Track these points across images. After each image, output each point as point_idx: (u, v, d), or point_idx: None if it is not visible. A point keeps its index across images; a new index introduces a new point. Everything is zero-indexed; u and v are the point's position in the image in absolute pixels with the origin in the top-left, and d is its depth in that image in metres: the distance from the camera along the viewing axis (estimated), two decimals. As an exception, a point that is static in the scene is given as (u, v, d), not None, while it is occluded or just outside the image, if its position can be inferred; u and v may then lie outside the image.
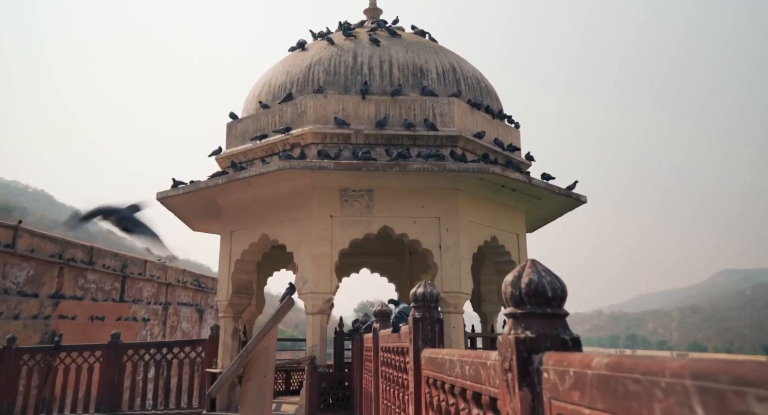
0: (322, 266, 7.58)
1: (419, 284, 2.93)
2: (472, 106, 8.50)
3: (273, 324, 4.65)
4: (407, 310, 3.83)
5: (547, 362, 1.23)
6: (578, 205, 9.21)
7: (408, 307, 3.86)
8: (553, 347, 1.30)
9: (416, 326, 2.84)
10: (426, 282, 2.93)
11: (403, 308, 3.86)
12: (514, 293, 1.38)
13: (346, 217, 7.77)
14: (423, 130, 8.05)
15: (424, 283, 2.92)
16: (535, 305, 1.35)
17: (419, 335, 2.82)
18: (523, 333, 1.33)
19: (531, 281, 1.35)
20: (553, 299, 1.34)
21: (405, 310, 3.83)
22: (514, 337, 1.34)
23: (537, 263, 1.40)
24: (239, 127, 9.16)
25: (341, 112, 8.16)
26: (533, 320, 1.34)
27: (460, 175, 7.55)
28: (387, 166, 7.22)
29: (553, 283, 1.35)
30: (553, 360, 1.21)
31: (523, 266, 1.41)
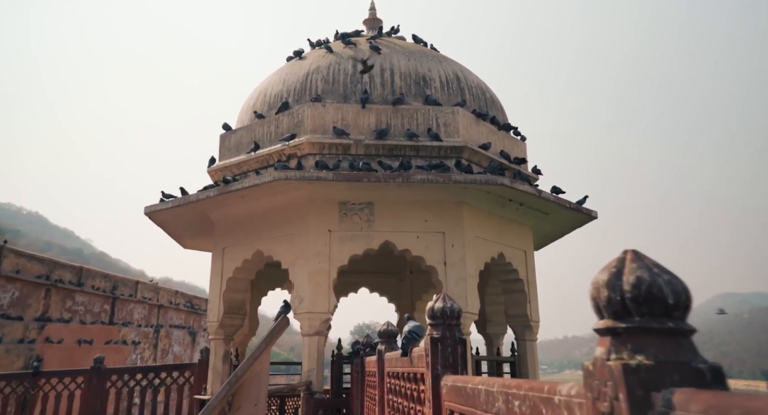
0: (320, 284, 7.09)
1: (437, 298, 2.48)
2: (477, 116, 8.14)
3: (266, 346, 4.17)
4: (419, 329, 3.36)
5: (685, 406, 0.78)
6: (587, 222, 8.79)
7: (420, 326, 3.39)
8: (682, 380, 0.84)
9: (434, 347, 2.37)
10: (445, 295, 2.48)
11: (414, 327, 3.40)
12: (613, 298, 0.93)
13: (346, 231, 7.32)
14: (426, 141, 7.66)
15: (444, 296, 2.47)
16: (649, 315, 0.90)
17: (438, 358, 2.36)
18: (632, 358, 0.88)
19: (640, 280, 0.90)
20: (675, 308, 0.90)
21: (417, 329, 3.36)
22: (620, 364, 0.88)
23: (642, 256, 0.96)
24: (233, 138, 8.75)
25: (340, 121, 7.78)
26: (648, 340, 0.88)
27: (465, 187, 7.14)
28: (389, 177, 6.80)
29: (674, 283, 0.90)
30: (698, 405, 0.75)
31: (621, 259, 0.96)
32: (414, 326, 3.40)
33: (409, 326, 4.85)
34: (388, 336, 4.09)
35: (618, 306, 0.92)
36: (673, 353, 0.86)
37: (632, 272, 0.92)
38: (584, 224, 8.89)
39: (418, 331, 3.37)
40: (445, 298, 2.45)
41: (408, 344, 3.44)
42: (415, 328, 3.41)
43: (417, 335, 3.39)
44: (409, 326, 4.90)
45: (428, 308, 2.46)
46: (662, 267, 0.93)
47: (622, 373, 0.86)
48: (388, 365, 3.84)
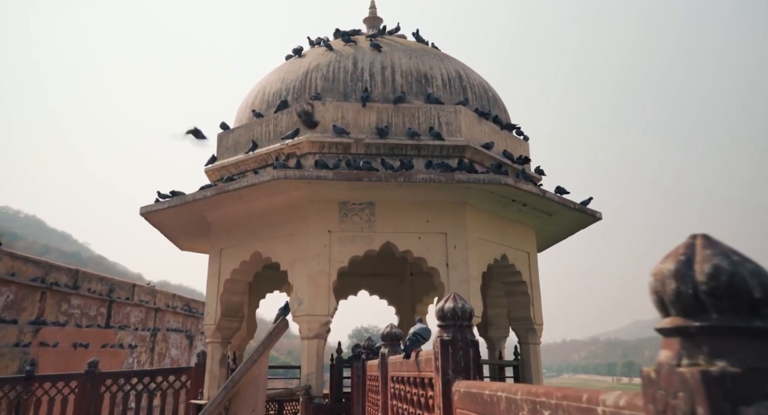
0: (319, 286, 6.93)
1: (447, 297, 2.32)
2: (480, 115, 8.00)
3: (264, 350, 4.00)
4: (425, 332, 3.21)
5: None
6: (591, 223, 8.64)
7: (425, 328, 3.23)
8: (777, 390, 0.69)
9: (445, 350, 2.21)
10: (455, 295, 2.32)
11: (419, 329, 3.24)
12: (683, 291, 0.77)
13: (346, 232, 7.16)
14: (428, 140, 7.51)
15: (454, 296, 2.31)
16: (731, 313, 0.74)
17: (449, 362, 2.19)
18: (711, 364, 0.73)
19: (718, 269, 0.74)
20: (763, 303, 0.74)
21: (422, 331, 3.20)
22: (698, 371, 0.72)
23: (716, 241, 0.80)
24: (231, 137, 8.60)
25: (340, 120, 7.63)
26: (731, 342, 0.73)
27: (468, 187, 6.99)
28: (391, 176, 6.65)
29: (760, 274, 0.74)
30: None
31: (689, 244, 0.81)
32: (419, 328, 3.24)
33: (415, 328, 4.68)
34: (391, 339, 3.92)
35: (689, 300, 0.77)
36: (765, 358, 0.70)
37: (707, 259, 0.76)
38: (588, 226, 8.74)
39: (423, 333, 3.22)
40: (455, 297, 2.29)
41: (411, 347, 3.28)
42: (420, 330, 3.25)
43: (421, 337, 3.23)
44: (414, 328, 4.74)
45: (437, 309, 2.30)
46: (743, 255, 0.77)
47: (701, 382, 0.71)
48: (392, 369, 3.68)
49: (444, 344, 2.21)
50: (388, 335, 3.95)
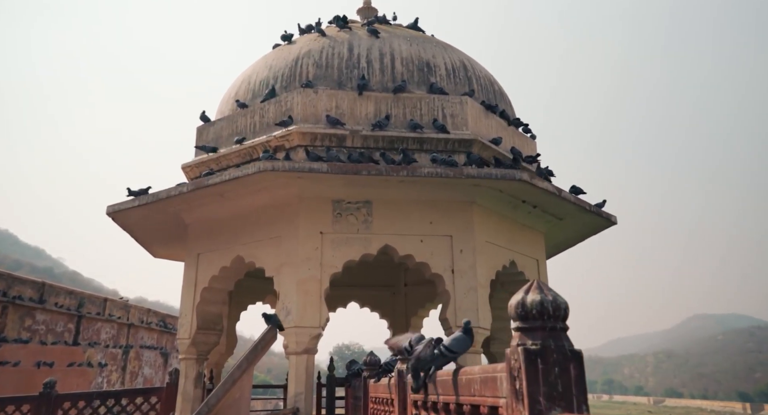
0: (310, 294, 6.11)
1: (529, 287, 1.57)
2: (487, 108, 7.34)
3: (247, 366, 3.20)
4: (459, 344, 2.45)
5: None
6: (603, 229, 8.00)
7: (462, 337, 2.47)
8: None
9: (532, 366, 1.45)
10: (539, 284, 1.57)
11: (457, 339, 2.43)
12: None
13: (340, 234, 6.38)
14: (431, 133, 6.82)
15: (538, 285, 1.56)
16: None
17: (539, 383, 1.43)
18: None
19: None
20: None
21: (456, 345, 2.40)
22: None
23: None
24: (212, 130, 7.80)
25: (334, 109, 6.90)
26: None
27: (477, 185, 6.30)
28: (392, 169, 5.92)
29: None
30: None
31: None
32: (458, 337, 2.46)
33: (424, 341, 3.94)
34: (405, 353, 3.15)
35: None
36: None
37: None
38: (599, 232, 8.09)
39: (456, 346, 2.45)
40: (540, 287, 1.54)
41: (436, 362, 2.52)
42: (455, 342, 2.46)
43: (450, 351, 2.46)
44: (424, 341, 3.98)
45: (516, 302, 1.54)
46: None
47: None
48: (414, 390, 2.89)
49: (530, 357, 1.45)
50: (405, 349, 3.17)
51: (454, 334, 2.55)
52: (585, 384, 1.44)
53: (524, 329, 1.51)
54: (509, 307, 1.57)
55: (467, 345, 2.46)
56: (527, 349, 1.46)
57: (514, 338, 1.55)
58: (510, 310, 1.56)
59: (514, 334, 1.55)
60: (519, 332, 1.53)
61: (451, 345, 2.44)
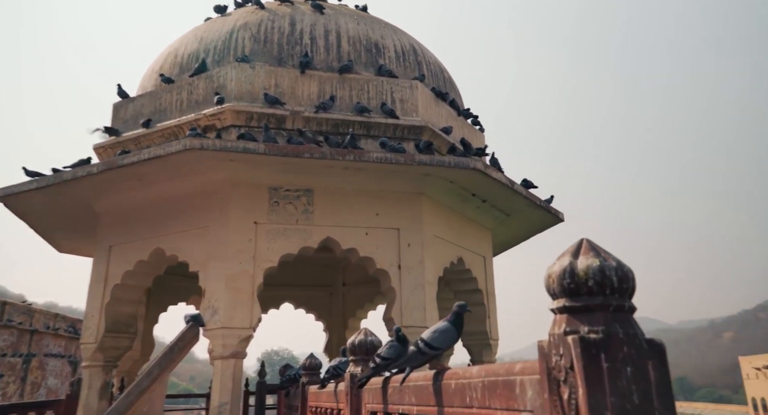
0: (241, 291, 5.42)
1: (574, 247, 1.08)
2: (437, 95, 6.95)
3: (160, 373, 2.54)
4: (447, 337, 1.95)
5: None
6: (550, 226, 7.82)
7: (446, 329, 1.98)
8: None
9: (592, 364, 0.95)
10: (590, 243, 1.08)
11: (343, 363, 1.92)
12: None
13: (277, 224, 5.74)
14: (380, 117, 6.33)
15: (589, 245, 1.07)
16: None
17: (605, 393, 0.93)
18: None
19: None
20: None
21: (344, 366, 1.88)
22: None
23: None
24: (131, 107, 6.90)
25: (273, 88, 6.25)
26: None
27: (427, 174, 5.87)
28: (338, 153, 5.36)
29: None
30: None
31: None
32: (341, 362, 1.98)
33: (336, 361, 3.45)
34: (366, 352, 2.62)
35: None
36: None
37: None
38: (546, 229, 7.91)
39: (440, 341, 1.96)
40: (595, 248, 1.06)
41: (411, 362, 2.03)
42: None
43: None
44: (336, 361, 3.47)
45: (559, 271, 1.05)
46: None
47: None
48: (373, 399, 2.35)
49: (589, 350, 0.96)
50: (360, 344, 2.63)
51: (436, 325, 2.05)
52: (671, 394, 0.96)
53: (575, 309, 1.02)
54: (547, 277, 1.08)
55: (453, 339, 1.96)
56: (585, 339, 0.96)
57: (556, 324, 1.05)
58: (549, 281, 1.07)
59: (558, 318, 1.05)
60: (566, 315, 1.03)
61: (433, 339, 1.93)
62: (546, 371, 1.05)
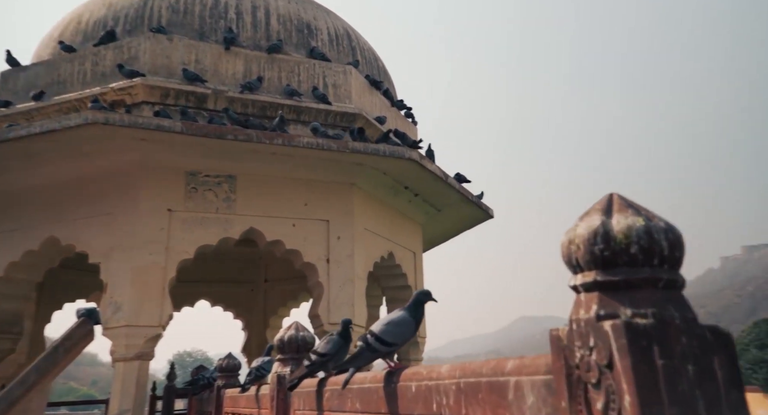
0: (149, 285, 4.85)
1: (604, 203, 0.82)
2: (371, 84, 6.68)
3: (38, 379, 2.04)
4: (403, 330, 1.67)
5: None
6: (479, 222, 7.79)
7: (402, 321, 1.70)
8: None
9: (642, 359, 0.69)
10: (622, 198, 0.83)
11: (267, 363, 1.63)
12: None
13: (194, 212, 5.21)
14: (310, 102, 5.95)
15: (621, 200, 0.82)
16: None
17: (661, 402, 0.68)
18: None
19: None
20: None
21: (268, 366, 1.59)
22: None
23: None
24: (22, 78, 6.06)
25: (194, 64, 5.70)
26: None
27: (360, 164, 5.58)
28: (265, 136, 4.94)
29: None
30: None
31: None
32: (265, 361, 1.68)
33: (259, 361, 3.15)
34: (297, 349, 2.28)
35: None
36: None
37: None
38: (474, 226, 7.87)
39: (393, 335, 1.67)
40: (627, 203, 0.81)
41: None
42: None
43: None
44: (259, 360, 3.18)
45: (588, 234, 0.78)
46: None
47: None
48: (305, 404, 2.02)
49: (636, 337, 0.69)
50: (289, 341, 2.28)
51: (390, 315, 1.75)
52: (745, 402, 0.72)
53: (611, 285, 0.76)
54: (567, 243, 0.81)
55: (411, 333, 1.67)
56: (631, 326, 0.70)
57: (581, 306, 0.78)
58: (571, 248, 0.80)
59: (584, 298, 0.78)
60: (597, 293, 0.76)
61: (385, 333, 1.63)
62: (564, 371, 0.78)
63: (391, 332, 1.63)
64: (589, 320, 0.73)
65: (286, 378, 2.36)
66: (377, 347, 1.64)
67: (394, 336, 1.64)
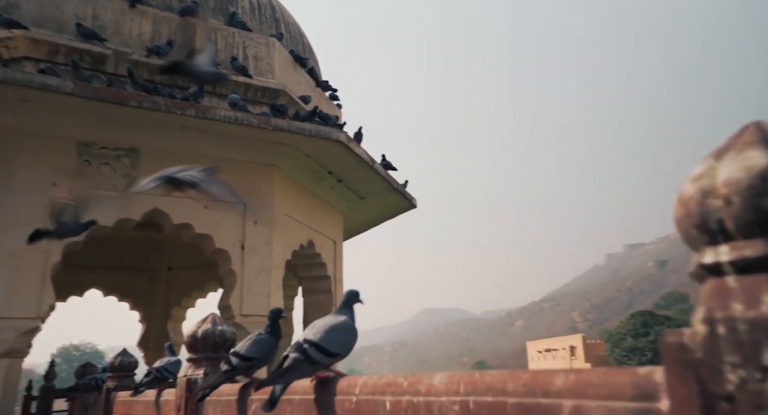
0: (26, 270, 4.14)
1: (742, 134, 0.56)
2: (296, 60, 6.23)
3: None
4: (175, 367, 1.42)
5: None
6: (402, 212, 7.61)
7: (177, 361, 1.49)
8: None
9: None
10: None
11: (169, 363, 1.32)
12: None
13: (87, 189, 4.51)
14: (229, 73, 5.41)
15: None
16: None
17: None
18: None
19: None
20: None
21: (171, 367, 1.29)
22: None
23: None
24: None
25: (91, 19, 4.96)
26: None
27: (282, 144, 5.16)
28: (176, 105, 4.38)
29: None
30: None
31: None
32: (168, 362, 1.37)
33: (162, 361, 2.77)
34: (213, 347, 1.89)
35: None
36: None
37: None
38: (398, 215, 7.69)
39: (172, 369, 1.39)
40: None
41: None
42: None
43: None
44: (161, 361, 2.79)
45: (737, 178, 0.52)
46: None
47: None
48: None
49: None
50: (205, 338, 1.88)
51: (330, 321, 1.42)
52: None
53: None
54: (685, 199, 0.54)
55: (355, 342, 1.36)
56: None
57: (733, 297, 0.51)
58: (709, 203, 0.52)
59: (740, 283, 0.51)
60: (765, 275, 0.50)
61: (327, 341, 1.30)
62: (699, 401, 0.51)
63: (336, 340, 1.31)
64: (760, 320, 0.47)
65: (198, 383, 1.96)
66: (318, 358, 1.31)
67: (340, 345, 1.32)
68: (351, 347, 1.38)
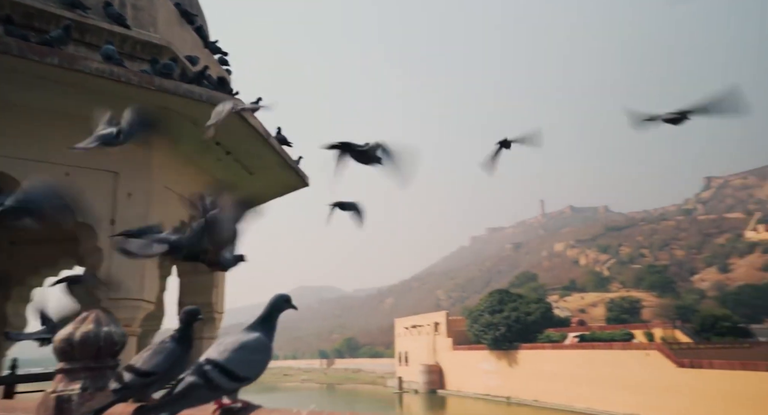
0: None
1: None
2: (182, 15, 5.58)
3: None
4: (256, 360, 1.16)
5: None
6: (293, 190, 7.27)
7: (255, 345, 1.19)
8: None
9: None
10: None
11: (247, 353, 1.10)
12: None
13: None
14: (101, 22, 4.67)
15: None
16: None
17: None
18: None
19: None
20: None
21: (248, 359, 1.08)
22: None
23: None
24: None
25: None
26: None
27: (165, 107, 4.59)
28: (30, 50, 3.65)
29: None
30: None
31: None
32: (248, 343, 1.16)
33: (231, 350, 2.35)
34: (97, 354, 1.52)
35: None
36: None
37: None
38: (288, 193, 7.33)
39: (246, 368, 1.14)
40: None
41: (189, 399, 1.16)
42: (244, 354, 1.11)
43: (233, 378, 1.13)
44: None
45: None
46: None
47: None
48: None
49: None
50: (85, 341, 1.51)
51: (239, 337, 1.17)
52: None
53: None
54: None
55: (268, 362, 1.15)
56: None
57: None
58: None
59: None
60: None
61: (234, 361, 1.07)
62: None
63: (245, 361, 1.09)
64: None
65: (73, 402, 1.55)
66: (221, 383, 1.06)
67: (249, 367, 1.10)
68: (262, 370, 1.16)
